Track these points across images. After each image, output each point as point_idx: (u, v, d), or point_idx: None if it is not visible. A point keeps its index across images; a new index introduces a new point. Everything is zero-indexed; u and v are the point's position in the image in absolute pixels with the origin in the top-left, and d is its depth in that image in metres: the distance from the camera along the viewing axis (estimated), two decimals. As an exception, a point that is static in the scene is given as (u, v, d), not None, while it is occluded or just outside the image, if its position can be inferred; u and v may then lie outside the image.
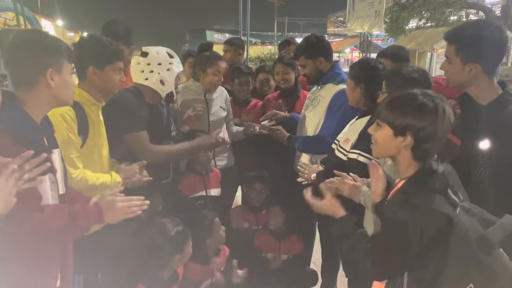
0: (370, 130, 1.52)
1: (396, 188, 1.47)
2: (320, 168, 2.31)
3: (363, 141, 2.08)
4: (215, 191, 2.88)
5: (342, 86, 2.60)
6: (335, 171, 1.94)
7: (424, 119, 1.34)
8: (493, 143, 1.64)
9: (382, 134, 1.45)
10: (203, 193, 2.80)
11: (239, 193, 3.50)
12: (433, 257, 1.30)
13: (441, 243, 1.28)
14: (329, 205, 1.66)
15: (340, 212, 1.61)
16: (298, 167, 2.41)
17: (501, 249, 1.22)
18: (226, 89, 3.23)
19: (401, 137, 1.38)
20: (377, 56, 2.82)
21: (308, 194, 1.75)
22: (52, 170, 1.50)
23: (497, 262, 1.22)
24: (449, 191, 1.34)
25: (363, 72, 2.25)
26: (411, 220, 1.29)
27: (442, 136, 1.37)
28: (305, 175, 2.32)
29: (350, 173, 1.89)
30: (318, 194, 1.75)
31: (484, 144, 1.65)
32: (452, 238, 1.26)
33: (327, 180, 1.90)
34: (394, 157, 1.47)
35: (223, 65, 2.93)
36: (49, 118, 1.60)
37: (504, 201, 1.57)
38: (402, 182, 1.44)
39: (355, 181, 1.85)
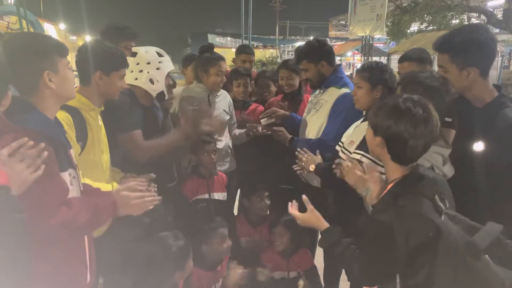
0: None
1: (384, 192, 1.49)
2: (319, 158, 2.31)
3: (368, 143, 2.08)
4: (219, 195, 2.86)
5: (345, 90, 2.60)
6: (343, 160, 1.93)
7: (389, 118, 1.39)
8: (488, 145, 1.65)
9: (367, 135, 1.52)
10: (206, 196, 2.78)
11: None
12: (422, 263, 1.30)
13: (429, 248, 1.28)
14: (312, 218, 1.70)
15: (323, 224, 1.66)
16: (296, 152, 2.40)
17: (487, 256, 1.23)
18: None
19: (376, 137, 1.44)
20: (400, 59, 2.80)
21: (292, 207, 1.79)
22: (72, 165, 1.52)
23: (486, 268, 1.22)
24: (436, 197, 1.34)
25: (383, 74, 2.21)
26: (396, 222, 1.30)
27: (416, 138, 1.36)
28: (302, 162, 2.31)
29: (361, 165, 1.87)
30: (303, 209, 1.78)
31: (479, 146, 1.66)
32: (440, 244, 1.26)
33: (337, 160, 1.94)
34: (381, 160, 1.52)
35: (225, 65, 2.95)
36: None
37: (496, 201, 1.58)
38: (390, 185, 1.46)
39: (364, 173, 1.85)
